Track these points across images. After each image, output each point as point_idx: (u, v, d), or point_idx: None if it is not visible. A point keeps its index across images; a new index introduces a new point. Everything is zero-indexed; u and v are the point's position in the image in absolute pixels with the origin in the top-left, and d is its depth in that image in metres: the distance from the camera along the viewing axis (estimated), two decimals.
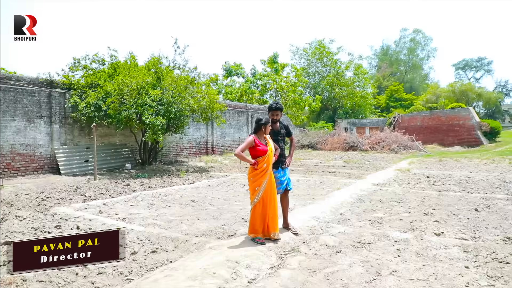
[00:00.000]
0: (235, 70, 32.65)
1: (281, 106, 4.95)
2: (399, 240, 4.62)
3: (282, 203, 5.10)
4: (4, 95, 11.28)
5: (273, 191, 4.57)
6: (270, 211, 4.50)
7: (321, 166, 14.66)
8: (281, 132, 5.01)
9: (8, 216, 6.43)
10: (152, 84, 13.10)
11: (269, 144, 4.63)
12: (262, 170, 4.52)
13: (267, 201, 4.50)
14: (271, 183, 4.55)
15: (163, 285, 3.34)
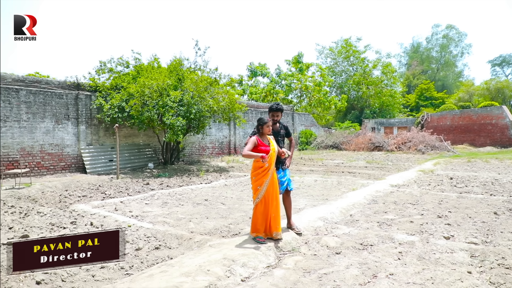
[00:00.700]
0: (260, 71, 32.72)
1: (281, 107, 4.97)
2: (403, 242, 4.50)
3: (285, 204, 5.11)
4: (34, 98, 11.90)
5: (275, 191, 4.58)
6: (272, 210, 4.51)
7: (342, 167, 14.44)
8: (281, 133, 5.03)
9: (30, 212, 6.80)
10: (173, 85, 13.40)
11: (271, 144, 4.65)
12: (264, 170, 4.53)
13: (268, 201, 4.51)
14: (273, 183, 4.56)
15: (157, 280, 3.43)
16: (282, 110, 4.98)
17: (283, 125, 5.13)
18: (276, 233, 4.51)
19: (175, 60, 14.62)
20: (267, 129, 4.61)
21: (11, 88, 11.40)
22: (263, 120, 4.60)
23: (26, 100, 11.68)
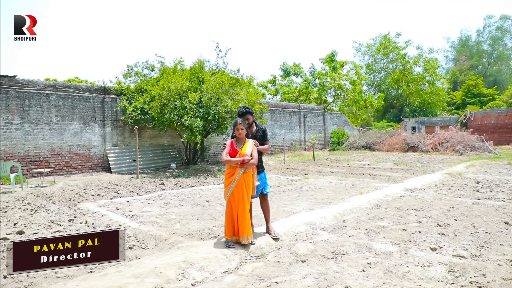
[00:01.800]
0: (294, 70, 32.38)
1: (248, 110, 4.81)
2: (380, 253, 4.21)
3: (262, 208, 4.99)
4: (64, 102, 12.66)
5: (242, 194, 4.42)
6: (239, 214, 4.39)
7: (366, 168, 13.88)
8: (257, 136, 4.87)
9: (40, 209, 7.23)
10: (194, 88, 13.63)
11: (244, 148, 4.49)
12: (229, 173, 4.46)
13: (234, 204, 4.41)
14: (239, 186, 4.42)
15: (106, 280, 3.48)
16: (250, 112, 4.80)
17: (260, 128, 4.97)
18: (242, 238, 4.38)
19: (198, 62, 14.87)
20: (236, 132, 4.50)
21: (42, 93, 12.21)
22: (234, 123, 4.54)
23: (56, 104, 12.45)
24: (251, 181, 4.56)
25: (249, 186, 4.53)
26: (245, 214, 4.42)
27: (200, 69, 14.28)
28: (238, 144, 4.56)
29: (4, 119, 11.37)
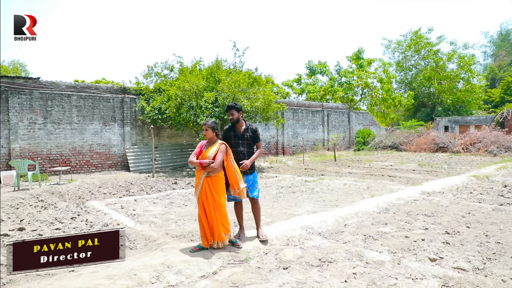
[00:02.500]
0: (319, 68, 31.79)
1: (234, 105, 4.59)
2: (371, 262, 3.92)
3: (252, 211, 4.79)
4: (84, 102, 13.03)
5: (206, 199, 4.15)
6: (208, 219, 4.16)
7: (387, 170, 13.31)
8: (245, 136, 4.62)
9: (49, 206, 7.42)
10: (211, 87, 13.62)
11: (207, 150, 4.25)
12: (197, 174, 4.25)
13: (201, 207, 4.19)
14: (202, 191, 4.16)
15: (79, 280, 3.44)
16: (235, 107, 4.56)
17: (250, 128, 4.68)
18: (213, 242, 4.19)
19: (216, 61, 14.86)
20: (204, 133, 4.29)
21: (64, 93, 12.62)
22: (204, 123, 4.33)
23: (77, 104, 12.84)
24: (220, 185, 4.23)
25: (218, 190, 4.20)
26: (213, 219, 4.14)
27: (216, 69, 14.26)
28: (207, 145, 4.34)
29: (28, 119, 11.85)
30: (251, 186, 4.64)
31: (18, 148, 11.58)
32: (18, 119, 11.63)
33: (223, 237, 4.21)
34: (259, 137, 4.76)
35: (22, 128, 11.70)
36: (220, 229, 4.18)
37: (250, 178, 4.64)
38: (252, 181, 4.65)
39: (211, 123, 4.27)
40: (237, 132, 4.66)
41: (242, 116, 4.72)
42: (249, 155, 4.62)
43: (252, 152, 4.70)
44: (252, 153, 4.69)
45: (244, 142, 4.62)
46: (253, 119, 14.95)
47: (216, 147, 4.22)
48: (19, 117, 11.64)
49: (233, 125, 4.71)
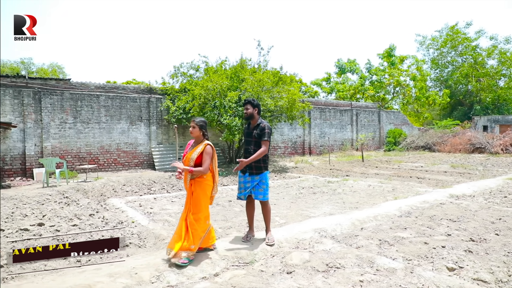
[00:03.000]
0: (349, 67, 31.08)
1: (251, 99, 4.47)
2: (381, 269, 3.68)
3: (262, 213, 4.63)
4: (112, 102, 13.41)
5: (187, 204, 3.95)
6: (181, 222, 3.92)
7: (416, 171, 12.73)
8: (253, 134, 4.45)
9: (72, 203, 7.65)
10: (235, 86, 13.61)
11: (191, 152, 4.00)
12: (184, 177, 4.02)
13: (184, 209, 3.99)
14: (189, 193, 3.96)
15: (81, 276, 3.46)
16: (251, 103, 4.44)
17: (260, 126, 4.46)
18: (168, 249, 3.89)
19: (242, 60, 14.84)
20: (191, 130, 4.05)
21: (93, 94, 13.04)
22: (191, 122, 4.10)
23: (105, 104, 13.23)
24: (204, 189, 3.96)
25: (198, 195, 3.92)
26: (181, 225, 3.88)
27: (240, 68, 14.22)
28: (194, 145, 4.10)
29: (59, 118, 12.35)
30: (256, 188, 4.45)
31: (50, 147, 12.09)
32: (50, 118, 12.14)
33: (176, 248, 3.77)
34: (266, 135, 4.40)
35: (53, 127, 12.20)
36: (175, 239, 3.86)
37: (256, 179, 4.44)
38: (258, 182, 4.44)
39: (199, 121, 4.05)
40: (250, 129, 4.55)
41: (257, 113, 4.51)
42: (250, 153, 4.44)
43: None
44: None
45: (252, 140, 4.47)
46: (277, 118, 14.81)
47: (201, 148, 3.95)
48: (51, 117, 12.14)
49: (249, 122, 4.61)
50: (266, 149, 4.36)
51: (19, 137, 11.67)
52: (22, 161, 11.70)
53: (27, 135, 11.72)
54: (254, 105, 4.48)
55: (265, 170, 4.49)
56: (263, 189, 4.45)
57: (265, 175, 4.49)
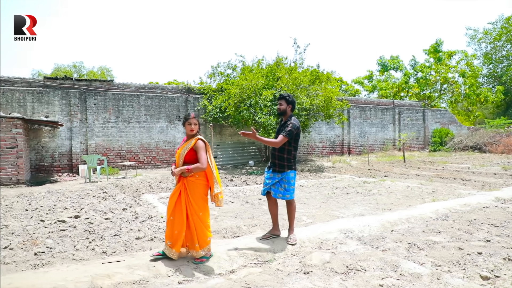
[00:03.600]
0: (392, 64, 29.86)
1: (284, 95, 4.36)
2: (406, 274, 3.46)
3: (286, 211, 4.55)
4: (152, 102, 13.89)
5: (179, 203, 3.75)
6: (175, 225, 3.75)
7: (462, 173, 11.94)
8: (280, 131, 4.37)
9: (109, 197, 8.01)
10: (270, 85, 13.57)
11: (183, 146, 3.82)
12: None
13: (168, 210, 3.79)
14: (175, 192, 3.78)
15: (102, 267, 3.58)
16: (286, 99, 4.34)
17: (286, 122, 4.33)
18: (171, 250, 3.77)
19: (278, 58, 14.78)
20: (188, 127, 3.82)
21: (134, 94, 13.59)
22: (185, 116, 3.86)
23: (145, 104, 13.73)
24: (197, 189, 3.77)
25: (194, 194, 3.74)
26: (181, 227, 3.72)
27: (276, 66, 14.15)
28: (186, 141, 3.89)
29: (103, 117, 13.00)
30: (276, 185, 4.36)
31: (94, 144, 12.76)
32: (94, 118, 12.81)
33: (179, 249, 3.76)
34: (286, 131, 4.20)
35: (97, 126, 12.86)
36: (181, 240, 3.74)
37: (278, 177, 4.35)
38: (279, 180, 4.34)
39: (197, 117, 3.95)
40: (280, 126, 4.47)
41: (291, 110, 4.40)
42: (281, 152, 4.34)
43: (285, 149, 4.32)
44: (284, 150, 4.32)
45: (277, 137, 4.36)
46: (314, 117, 14.57)
47: (191, 143, 3.76)
48: (95, 116, 12.81)
49: (281, 119, 4.52)
50: (277, 142, 4.19)
51: (67, 135, 12.44)
52: (69, 158, 12.46)
53: (73, 134, 12.46)
54: (289, 102, 4.37)
55: (288, 170, 4.34)
56: (283, 188, 4.35)
57: (288, 175, 4.35)
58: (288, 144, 4.32)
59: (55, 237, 4.94)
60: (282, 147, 4.32)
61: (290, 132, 4.22)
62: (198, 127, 3.88)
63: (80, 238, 4.88)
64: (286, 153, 4.35)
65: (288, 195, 4.36)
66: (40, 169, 12.12)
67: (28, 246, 4.49)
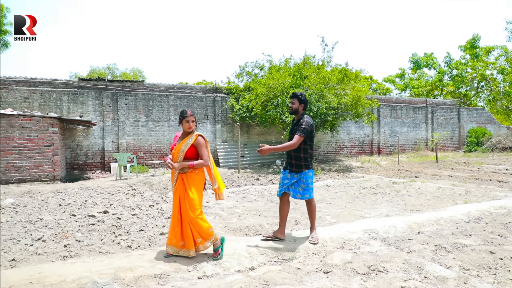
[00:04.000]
0: (425, 61, 28.83)
1: (297, 94, 4.28)
2: (430, 276, 3.33)
3: (307, 211, 4.48)
4: (180, 102, 14.18)
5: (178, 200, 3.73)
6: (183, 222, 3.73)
7: (499, 174, 11.35)
8: (293, 130, 4.31)
9: (137, 194, 8.25)
10: (298, 84, 13.48)
11: (183, 142, 3.78)
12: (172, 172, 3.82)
13: (174, 208, 3.79)
14: (177, 189, 3.76)
15: (126, 260, 3.70)
16: (298, 98, 4.25)
17: (299, 121, 4.25)
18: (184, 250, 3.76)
19: (306, 57, 14.66)
20: (185, 125, 3.78)
21: (163, 94, 13.92)
22: (182, 114, 3.80)
23: (174, 104, 14.03)
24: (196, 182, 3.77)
25: (193, 189, 3.74)
26: (187, 224, 3.71)
27: (304, 65, 14.04)
28: (182, 136, 3.88)
29: (133, 117, 13.41)
30: (295, 186, 4.31)
31: (125, 143, 13.18)
32: (125, 117, 13.23)
33: (193, 246, 3.76)
34: (300, 130, 4.11)
35: (128, 125, 13.28)
36: (190, 237, 3.74)
37: (295, 177, 4.27)
38: (297, 180, 4.28)
39: (194, 113, 3.90)
40: (292, 125, 4.42)
41: (303, 109, 4.32)
42: (297, 151, 4.25)
43: (301, 149, 4.22)
44: (300, 149, 4.21)
45: (291, 136, 4.30)
46: (342, 116, 14.34)
47: (192, 139, 3.75)
48: (126, 116, 13.24)
49: (293, 118, 4.47)
50: (294, 142, 4.09)
51: (99, 134, 12.92)
52: (102, 156, 12.94)
53: (105, 133, 12.93)
54: (301, 101, 4.28)
55: (306, 169, 4.28)
56: (302, 188, 4.29)
57: (306, 174, 4.28)
58: (303, 143, 4.23)
59: (84, 230, 5.14)
60: (298, 147, 4.22)
61: (305, 130, 4.13)
62: (195, 124, 3.87)
63: (107, 232, 5.06)
64: (303, 152, 4.26)
65: (308, 195, 4.30)
66: (74, 166, 12.67)
67: (59, 239, 4.70)
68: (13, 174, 9.91)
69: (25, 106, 12.00)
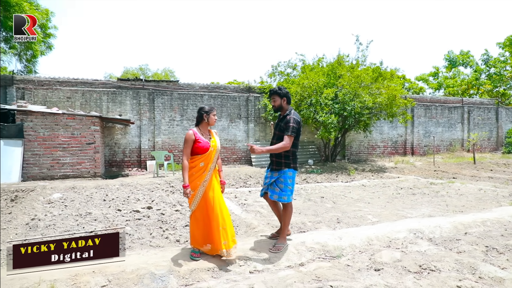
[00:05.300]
0: (461, 60, 27.84)
1: (276, 90, 4.00)
2: (485, 277, 3.29)
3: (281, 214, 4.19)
4: (214, 101, 14.42)
5: (217, 198, 3.71)
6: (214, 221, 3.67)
7: None
8: (278, 126, 4.04)
9: (176, 191, 8.49)
10: (331, 83, 13.41)
11: (213, 139, 3.83)
12: (199, 170, 3.67)
13: (208, 209, 3.68)
14: (211, 187, 3.70)
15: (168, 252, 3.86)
16: (277, 93, 3.99)
17: (285, 117, 3.96)
18: (222, 251, 3.64)
19: (339, 57, 14.56)
20: (212, 118, 3.84)
21: (198, 94, 14.21)
22: (203, 109, 3.77)
23: (208, 103, 14.29)
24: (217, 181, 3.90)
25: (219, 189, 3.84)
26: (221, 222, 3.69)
27: (338, 64, 13.94)
28: (206, 133, 3.89)
29: (169, 116, 13.77)
30: (273, 185, 4.04)
31: (160, 142, 13.57)
32: (161, 116, 13.62)
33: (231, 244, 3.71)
34: (289, 129, 3.82)
35: (164, 124, 13.66)
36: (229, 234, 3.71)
37: (274, 175, 4.02)
38: (275, 179, 4.01)
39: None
40: (278, 121, 4.11)
41: (286, 103, 4.03)
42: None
43: None
44: None
45: (276, 133, 4.07)
46: (376, 116, 14.14)
47: (217, 135, 4.06)
48: (161, 115, 13.62)
49: (279, 114, 4.15)
50: (286, 144, 3.81)
51: (136, 132, 13.37)
52: (138, 154, 13.38)
53: (142, 131, 13.36)
54: (282, 95, 3.98)
55: (285, 168, 3.97)
56: (279, 188, 3.96)
57: (285, 173, 3.96)
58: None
59: (132, 225, 5.37)
60: (278, 143, 3.91)
61: (294, 129, 3.86)
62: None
63: (154, 227, 5.26)
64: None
65: (285, 197, 3.95)
66: (112, 164, 13.17)
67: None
68: (58, 170, 10.42)
69: (68, 105, 12.59)
